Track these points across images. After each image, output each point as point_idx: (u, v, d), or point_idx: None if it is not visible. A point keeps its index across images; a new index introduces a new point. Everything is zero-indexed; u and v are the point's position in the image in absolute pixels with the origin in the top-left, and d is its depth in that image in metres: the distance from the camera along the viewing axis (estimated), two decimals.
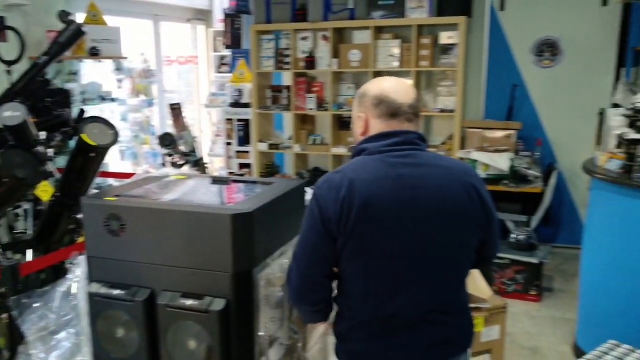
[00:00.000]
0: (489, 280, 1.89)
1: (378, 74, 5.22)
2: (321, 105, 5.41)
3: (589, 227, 3.33)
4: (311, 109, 5.43)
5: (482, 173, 4.58)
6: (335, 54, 5.23)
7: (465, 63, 5.03)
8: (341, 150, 5.34)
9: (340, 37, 5.34)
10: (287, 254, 2.05)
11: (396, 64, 5.05)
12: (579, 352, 3.26)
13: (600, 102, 4.82)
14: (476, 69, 5.18)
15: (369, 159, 1.59)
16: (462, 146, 4.98)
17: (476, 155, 4.61)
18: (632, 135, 2.95)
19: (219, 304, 1.71)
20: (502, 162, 4.52)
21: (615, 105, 3.86)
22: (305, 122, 5.70)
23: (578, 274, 3.78)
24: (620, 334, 2.91)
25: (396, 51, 5.05)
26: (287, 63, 5.43)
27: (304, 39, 5.37)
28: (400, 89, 1.63)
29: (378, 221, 1.53)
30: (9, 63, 3.28)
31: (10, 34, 3.59)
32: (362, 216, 1.52)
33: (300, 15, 5.29)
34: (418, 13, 4.93)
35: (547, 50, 4.95)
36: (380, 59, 5.11)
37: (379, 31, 5.13)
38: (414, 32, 4.93)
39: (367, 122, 1.65)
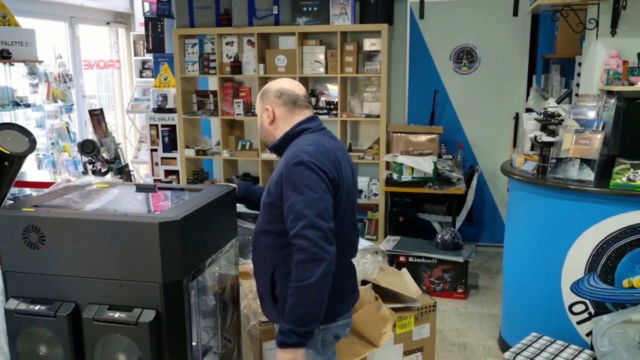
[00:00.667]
0: None
1: (305, 80, 5.26)
2: (249, 110, 5.38)
3: (509, 225, 3.50)
4: (239, 114, 5.38)
5: (407, 176, 4.72)
6: (261, 59, 5.22)
7: (389, 69, 5.16)
8: (271, 156, 5.33)
9: (265, 43, 5.34)
10: (219, 262, 2.01)
11: (322, 69, 5.11)
12: (504, 345, 3.42)
13: (515, 107, 5.09)
14: (399, 75, 5.33)
15: (317, 135, 1.91)
16: (388, 150, 5.11)
17: (401, 158, 4.74)
18: (544, 138, 3.13)
19: (148, 315, 1.65)
20: (426, 165, 4.67)
21: (529, 110, 4.08)
22: (233, 127, 5.64)
23: (501, 270, 3.96)
24: (541, 326, 3.09)
25: (321, 57, 5.10)
26: (213, 68, 5.36)
27: (229, 43, 5.32)
28: (294, 83, 2.00)
29: (345, 181, 1.88)
30: None
31: None
32: (341, 177, 1.85)
33: (224, 19, 5.23)
34: (341, 20, 5.01)
35: (465, 57, 5.17)
36: (306, 64, 5.14)
37: (304, 37, 5.17)
38: (338, 39, 5.01)
39: (273, 112, 1.94)
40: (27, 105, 5.07)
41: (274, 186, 1.82)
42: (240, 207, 2.27)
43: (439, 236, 4.30)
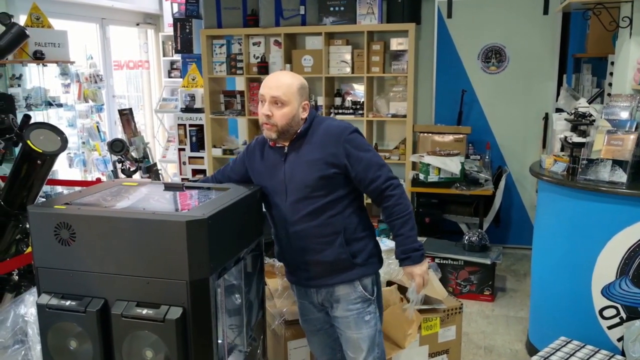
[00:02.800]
0: None
1: (331, 80, 5.26)
2: None
3: (537, 227, 3.44)
4: None
5: (434, 176, 4.68)
6: (288, 59, 5.23)
7: (416, 69, 5.12)
8: None
9: (292, 43, 5.35)
10: (245, 260, 2.03)
11: (348, 69, 5.10)
12: (531, 349, 3.36)
13: (544, 107, 5.00)
14: (426, 74, 5.28)
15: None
16: (415, 150, 5.07)
17: (428, 159, 4.70)
18: (575, 138, 3.07)
19: (175, 313, 1.67)
20: (453, 166, 4.62)
21: (559, 110, 4.01)
22: (259, 127, 5.67)
23: (529, 273, 3.89)
24: (570, 331, 3.02)
25: (348, 57, 5.09)
26: (240, 68, 5.39)
27: (256, 44, 5.35)
28: None
29: None
30: None
31: None
32: None
33: (251, 20, 5.26)
34: (368, 19, 4.99)
35: (493, 56, 5.10)
36: (332, 64, 5.14)
37: (330, 37, 5.17)
38: (364, 38, 4.99)
39: (307, 107, 2.15)
40: (59, 105, 5.18)
41: (331, 158, 2.06)
42: None
43: (466, 237, 4.26)
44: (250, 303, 2.13)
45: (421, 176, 4.76)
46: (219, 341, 1.80)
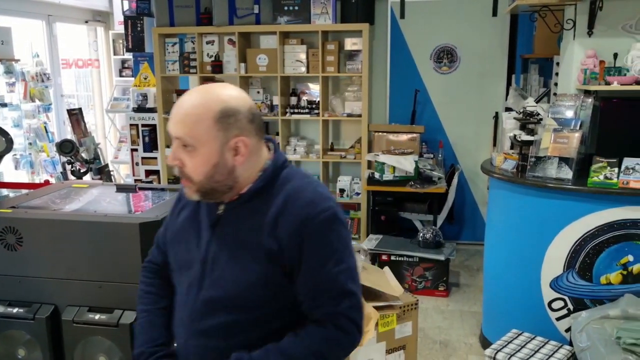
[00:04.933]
0: None
1: (286, 79, 5.25)
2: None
3: (489, 223, 3.53)
4: None
5: (389, 175, 4.74)
6: (243, 58, 5.19)
7: (370, 69, 5.17)
8: None
9: (246, 42, 5.31)
10: None
11: (303, 69, 5.10)
12: (485, 342, 3.45)
13: (494, 106, 5.14)
14: (381, 74, 5.35)
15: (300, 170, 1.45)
16: (370, 149, 5.12)
17: (383, 157, 4.76)
18: (523, 137, 3.17)
19: (130, 317, 1.64)
20: (407, 164, 4.70)
21: (508, 109, 4.13)
22: None
23: (482, 268, 4.00)
24: (522, 323, 3.12)
25: (303, 56, 5.10)
26: (193, 67, 5.32)
27: (210, 42, 5.29)
28: (244, 93, 1.36)
29: None
30: None
31: None
32: None
33: (205, 18, 5.20)
34: (322, 19, 5.01)
35: (445, 57, 5.21)
36: (288, 63, 5.14)
37: (285, 36, 5.16)
38: (319, 38, 5.01)
39: (247, 146, 1.30)
40: (4, 105, 4.99)
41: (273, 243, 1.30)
42: None
43: (421, 235, 4.33)
44: None
45: (376, 175, 4.82)
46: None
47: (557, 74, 3.98)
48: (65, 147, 3.37)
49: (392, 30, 5.25)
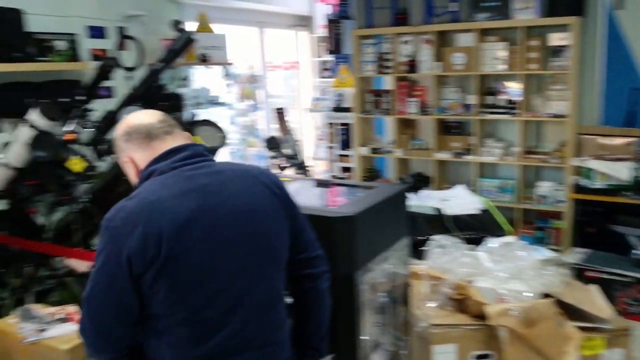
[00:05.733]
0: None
1: (484, 77, 5.03)
2: (424, 109, 5.31)
3: None
4: (413, 113, 5.34)
5: (600, 182, 4.27)
6: (438, 57, 5.10)
7: (578, 66, 4.71)
8: (444, 156, 5.20)
9: (442, 40, 5.20)
10: (390, 259, 2.00)
11: (502, 66, 4.84)
12: None
13: None
14: (590, 71, 4.82)
15: (164, 177, 1.42)
16: (577, 153, 4.66)
17: (593, 163, 4.30)
18: None
19: None
20: (622, 172, 4.18)
21: None
22: (407, 126, 5.61)
23: None
24: None
25: (502, 54, 4.83)
26: (388, 67, 5.38)
27: (405, 42, 5.29)
28: (140, 115, 1.53)
29: (194, 240, 1.36)
30: (129, 69, 3.49)
31: (130, 43, 3.83)
32: (176, 239, 1.33)
33: (401, 19, 5.22)
34: (525, 14, 4.69)
35: None
36: (486, 61, 4.91)
37: (483, 33, 4.94)
38: (521, 34, 4.69)
39: (133, 161, 1.49)
40: (222, 104, 5.58)
41: None
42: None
43: (636, 252, 3.82)
44: (395, 303, 2.10)
45: (584, 182, 4.36)
46: (365, 337, 1.79)
47: None
48: (270, 143, 3.65)
49: (606, 23, 4.70)
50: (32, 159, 2.55)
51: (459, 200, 3.59)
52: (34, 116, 2.66)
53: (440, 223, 3.25)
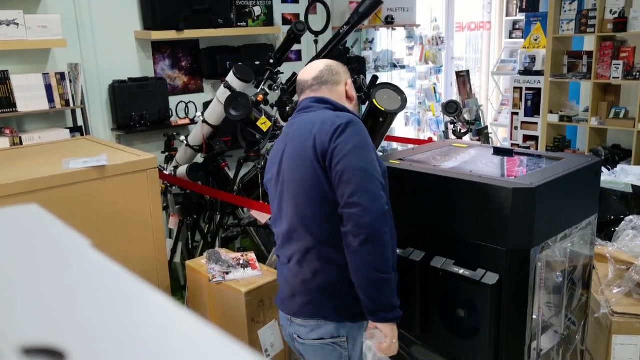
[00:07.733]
0: None
1: None
2: (630, 73, 4.72)
3: None
4: (616, 78, 4.78)
5: None
6: None
7: None
8: None
9: None
10: (572, 238, 1.87)
11: None
12: None
13: None
14: None
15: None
16: None
17: None
18: None
19: (491, 278, 1.66)
20: None
21: None
22: (607, 92, 5.05)
23: None
24: None
25: None
26: (591, 26, 4.85)
27: None
28: (306, 69, 1.88)
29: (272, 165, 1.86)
30: (316, 33, 3.64)
31: (319, 7, 3.98)
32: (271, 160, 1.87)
33: None
34: None
35: None
36: None
37: None
38: None
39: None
40: (403, 67, 5.56)
41: None
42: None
43: None
44: (574, 284, 1.97)
45: None
46: (534, 316, 1.72)
47: None
48: (450, 107, 3.55)
49: None
50: (227, 117, 2.81)
51: None
52: (231, 78, 2.92)
53: (636, 202, 2.93)
